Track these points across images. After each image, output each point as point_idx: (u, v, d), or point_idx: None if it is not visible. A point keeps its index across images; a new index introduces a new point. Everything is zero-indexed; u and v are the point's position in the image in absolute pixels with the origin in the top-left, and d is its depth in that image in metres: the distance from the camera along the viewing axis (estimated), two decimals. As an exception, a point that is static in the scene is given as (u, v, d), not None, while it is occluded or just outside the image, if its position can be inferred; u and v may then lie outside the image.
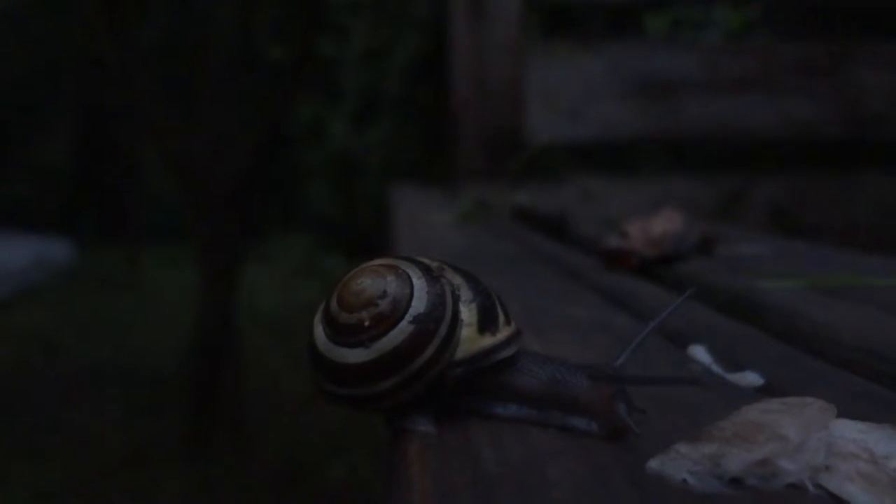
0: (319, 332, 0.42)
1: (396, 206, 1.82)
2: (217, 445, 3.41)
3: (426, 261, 0.44)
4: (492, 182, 2.42)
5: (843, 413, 0.40)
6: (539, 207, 1.54)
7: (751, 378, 0.49)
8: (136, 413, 3.88)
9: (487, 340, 0.42)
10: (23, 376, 4.42)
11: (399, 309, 0.40)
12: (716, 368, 0.52)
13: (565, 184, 2.66)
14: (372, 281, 0.41)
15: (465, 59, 2.67)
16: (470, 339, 0.41)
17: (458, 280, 0.43)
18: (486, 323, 0.42)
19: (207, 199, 3.64)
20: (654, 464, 0.34)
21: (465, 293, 0.43)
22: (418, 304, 0.41)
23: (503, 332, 0.43)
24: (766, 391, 0.48)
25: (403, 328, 0.40)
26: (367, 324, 0.40)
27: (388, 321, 0.40)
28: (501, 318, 0.43)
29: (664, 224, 1.04)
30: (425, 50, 3.03)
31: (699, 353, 0.54)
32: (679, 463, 0.34)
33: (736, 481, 0.33)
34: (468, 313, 0.42)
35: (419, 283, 0.42)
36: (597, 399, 0.40)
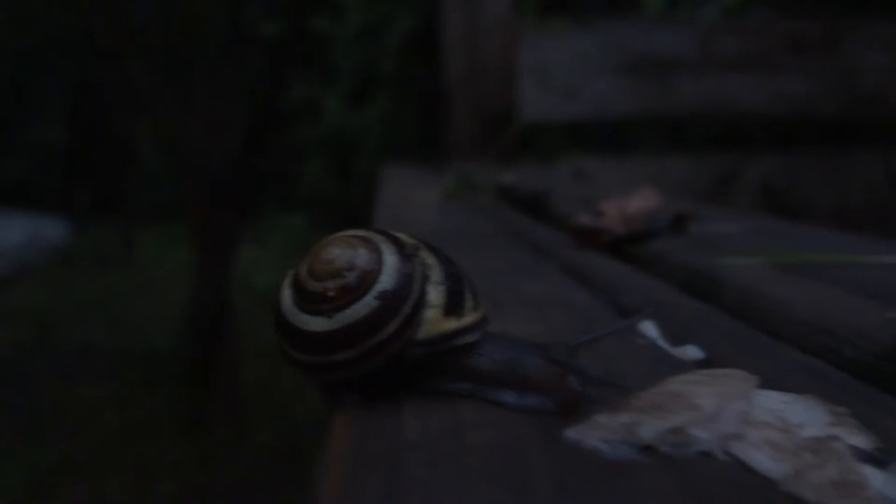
0: (286, 296, 0.42)
1: (383, 184, 1.82)
2: (213, 423, 3.43)
3: (402, 237, 0.44)
4: (484, 160, 2.41)
5: (777, 385, 0.41)
6: (522, 186, 1.54)
7: (692, 352, 0.50)
8: (133, 390, 3.90)
9: (451, 324, 0.42)
10: (18, 355, 4.44)
11: (366, 283, 0.40)
12: (661, 342, 0.53)
13: (558, 163, 2.65)
14: (342, 251, 0.42)
15: (457, 36, 2.66)
16: (434, 321, 0.41)
17: (431, 260, 0.43)
18: (453, 306, 0.42)
19: (202, 178, 3.63)
20: (572, 433, 0.35)
21: (436, 274, 0.43)
22: (386, 281, 0.41)
23: (469, 318, 0.43)
24: (706, 364, 0.48)
25: (368, 302, 0.40)
26: (331, 294, 0.40)
27: (353, 293, 0.40)
28: (469, 302, 0.43)
29: (640, 202, 1.04)
30: (420, 27, 3.02)
31: (647, 327, 0.55)
32: (596, 432, 0.35)
33: (649, 449, 0.33)
34: (436, 295, 0.42)
35: (390, 259, 0.41)
36: (549, 377, 0.40)
